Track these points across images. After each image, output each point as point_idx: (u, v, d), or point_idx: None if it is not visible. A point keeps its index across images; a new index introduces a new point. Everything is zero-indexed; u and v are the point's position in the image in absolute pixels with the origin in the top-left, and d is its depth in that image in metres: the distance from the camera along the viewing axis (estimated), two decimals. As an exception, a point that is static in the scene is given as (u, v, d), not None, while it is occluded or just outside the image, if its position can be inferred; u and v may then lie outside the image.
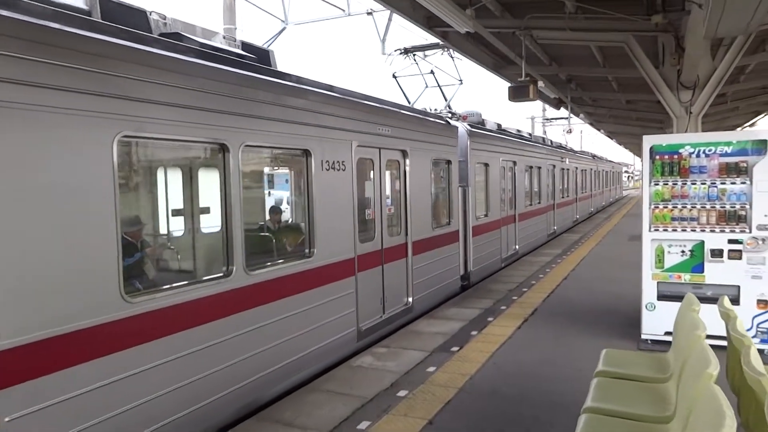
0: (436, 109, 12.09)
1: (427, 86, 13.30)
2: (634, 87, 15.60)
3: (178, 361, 4.45)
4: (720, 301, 4.16)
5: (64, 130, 3.67)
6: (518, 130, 17.37)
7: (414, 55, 12.61)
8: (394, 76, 12.76)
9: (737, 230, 6.38)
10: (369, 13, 14.22)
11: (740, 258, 6.36)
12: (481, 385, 5.68)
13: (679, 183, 6.61)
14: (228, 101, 5.00)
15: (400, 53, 12.67)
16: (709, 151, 6.48)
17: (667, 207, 6.67)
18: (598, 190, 32.84)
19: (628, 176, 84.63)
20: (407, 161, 8.33)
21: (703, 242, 6.51)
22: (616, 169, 46.87)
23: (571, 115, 21.21)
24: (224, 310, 4.93)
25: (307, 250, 6.22)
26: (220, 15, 13.09)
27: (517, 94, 9.82)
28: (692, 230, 6.57)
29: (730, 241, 6.40)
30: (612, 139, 41.29)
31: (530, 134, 21.77)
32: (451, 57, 12.85)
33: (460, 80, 13.63)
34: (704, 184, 6.52)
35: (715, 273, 6.47)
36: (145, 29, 4.78)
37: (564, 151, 22.73)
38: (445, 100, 13.26)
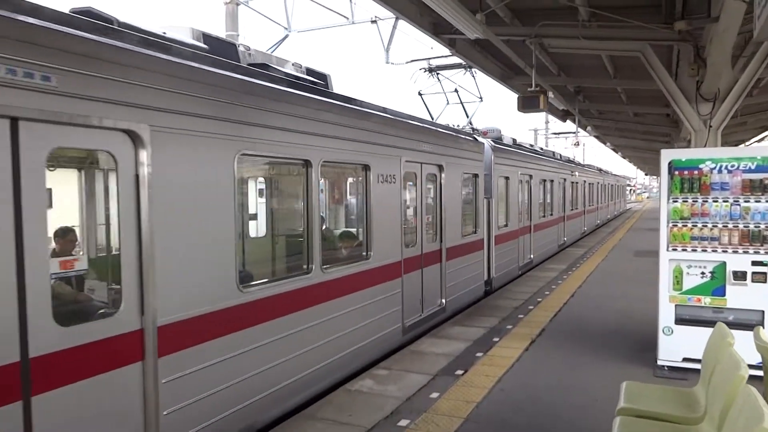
0: (457, 125, 12.52)
1: (448, 103, 13.68)
2: (644, 99, 15.29)
3: (270, 345, 5.10)
4: (756, 332, 3.80)
5: (206, 150, 4.40)
6: (531, 145, 17.74)
7: (438, 73, 13.11)
8: (420, 94, 13.16)
9: (762, 251, 5.99)
10: (373, 21, 13.93)
11: (765, 281, 5.96)
12: (488, 414, 5.30)
13: (700, 200, 6.24)
14: (311, 124, 5.70)
15: (424, 71, 13.17)
16: (732, 166, 6.11)
17: (686, 225, 6.29)
18: (604, 203, 32.89)
19: (630, 190, 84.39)
20: (443, 174, 9.02)
21: (724, 263, 6.12)
22: (620, 182, 47.09)
23: (579, 129, 21.06)
24: (305, 303, 5.63)
25: (364, 253, 6.94)
26: (222, 20, 12.86)
27: (527, 104, 9.49)
28: (713, 250, 6.19)
29: (754, 263, 6.01)
30: (617, 152, 41.03)
31: (542, 148, 22.02)
32: (473, 76, 13.26)
33: (480, 97, 13.88)
34: (726, 201, 6.14)
35: (737, 297, 6.06)
36: (235, 59, 5.44)
37: (573, 164, 23.26)
38: (467, 116, 13.64)
